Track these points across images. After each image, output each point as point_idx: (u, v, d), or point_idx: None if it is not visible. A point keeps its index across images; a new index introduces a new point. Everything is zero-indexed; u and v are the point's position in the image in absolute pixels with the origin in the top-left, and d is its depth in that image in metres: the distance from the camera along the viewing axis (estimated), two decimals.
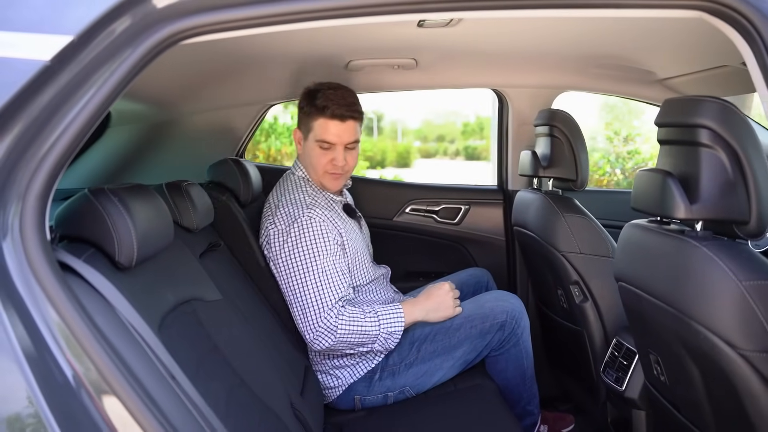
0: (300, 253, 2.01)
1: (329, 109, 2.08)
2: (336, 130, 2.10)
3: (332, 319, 1.96)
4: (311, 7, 1.01)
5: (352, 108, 2.11)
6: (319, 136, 2.11)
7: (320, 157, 2.13)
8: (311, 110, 2.11)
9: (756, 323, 1.20)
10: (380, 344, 2.03)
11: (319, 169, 2.14)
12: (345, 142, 2.12)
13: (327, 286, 1.99)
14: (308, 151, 2.16)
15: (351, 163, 2.18)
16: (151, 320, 1.14)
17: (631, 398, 1.93)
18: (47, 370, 0.85)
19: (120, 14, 0.92)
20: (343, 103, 2.09)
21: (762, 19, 1.03)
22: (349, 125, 2.11)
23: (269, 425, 1.46)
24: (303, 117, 2.16)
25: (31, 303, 0.86)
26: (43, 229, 0.91)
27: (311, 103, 2.11)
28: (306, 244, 2.01)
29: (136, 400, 0.88)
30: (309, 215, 2.04)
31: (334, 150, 2.12)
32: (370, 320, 2.00)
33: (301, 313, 2.00)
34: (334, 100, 2.08)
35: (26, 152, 0.89)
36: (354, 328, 1.98)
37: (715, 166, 1.29)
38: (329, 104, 2.08)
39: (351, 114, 2.11)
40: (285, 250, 2.04)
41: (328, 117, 2.08)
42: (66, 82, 0.90)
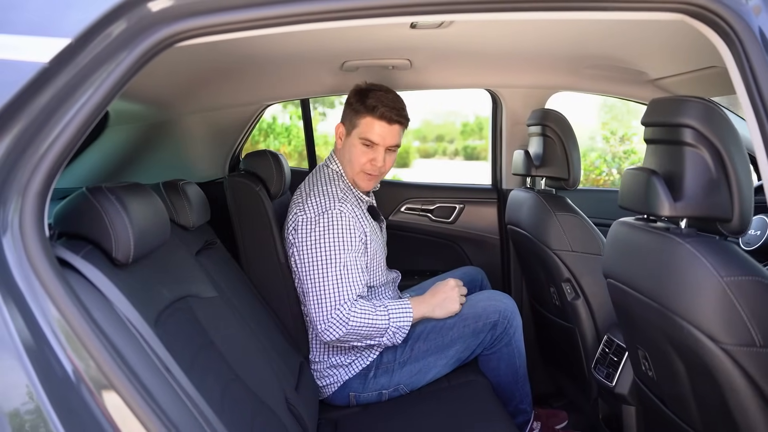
0: (326, 244, 2.03)
1: (379, 110, 2.12)
2: (381, 131, 2.14)
3: (345, 311, 1.99)
4: (305, 10, 1.04)
5: (401, 113, 2.16)
6: (364, 134, 2.14)
7: (360, 155, 2.16)
8: (360, 108, 2.15)
9: (737, 318, 1.22)
10: (388, 338, 2.05)
11: (357, 166, 2.18)
12: (387, 144, 2.16)
13: (347, 280, 2.01)
14: (349, 147, 2.19)
15: (387, 166, 2.22)
16: (147, 316, 1.16)
17: (621, 394, 1.95)
18: (47, 364, 0.87)
19: (116, 17, 0.95)
20: (393, 106, 2.14)
21: (740, 21, 1.06)
22: (394, 129, 2.16)
23: (264, 419, 1.49)
24: (350, 113, 2.19)
25: (31, 298, 0.89)
26: (42, 226, 0.93)
27: (361, 101, 2.15)
28: (333, 236, 2.03)
29: (133, 393, 0.90)
30: (340, 208, 2.07)
31: (375, 150, 2.16)
32: (381, 314, 2.03)
33: (316, 303, 2.01)
34: (385, 102, 2.13)
35: (26, 151, 0.91)
36: (365, 320, 2.00)
37: (699, 164, 1.32)
38: (379, 105, 2.12)
39: (398, 119, 2.15)
40: (312, 238, 2.05)
41: (376, 117, 2.12)
42: (64, 84, 0.93)
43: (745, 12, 1.06)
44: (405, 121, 2.19)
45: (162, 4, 0.97)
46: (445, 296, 2.15)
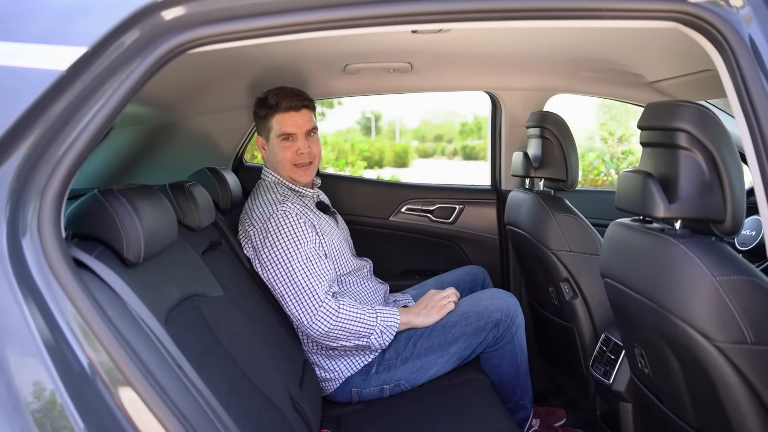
0: (281, 244, 2.08)
1: (282, 104, 2.20)
2: (293, 121, 2.21)
3: (332, 303, 2.03)
4: (310, 20, 1.07)
5: (302, 97, 2.24)
6: (280, 131, 2.22)
7: (285, 151, 2.23)
8: (266, 111, 2.23)
9: (729, 316, 1.26)
10: (376, 338, 2.09)
11: (287, 163, 2.23)
12: (304, 130, 2.23)
13: (314, 269, 2.06)
14: (273, 150, 2.25)
15: (315, 150, 2.27)
16: (157, 314, 1.19)
17: (618, 391, 1.99)
18: (65, 359, 0.91)
19: (130, 26, 0.98)
20: (292, 95, 2.22)
21: (731, 30, 1.09)
22: (303, 114, 2.23)
23: (270, 416, 1.52)
24: (260, 122, 2.27)
25: (49, 296, 0.92)
26: (59, 228, 0.96)
27: (264, 105, 2.23)
28: (285, 235, 2.08)
29: (147, 387, 0.93)
30: (283, 209, 2.12)
31: (296, 140, 2.22)
32: (369, 312, 2.08)
33: (295, 300, 2.05)
34: (283, 95, 2.21)
35: (44, 155, 0.94)
36: (353, 315, 2.05)
37: (693, 167, 1.36)
38: (280, 100, 2.20)
39: (303, 103, 2.23)
40: (267, 244, 2.10)
41: (283, 111, 2.21)
42: (80, 91, 0.96)
43: (736, 21, 1.10)
44: (310, 103, 2.27)
45: (174, 13, 1.00)
46: (426, 304, 2.23)
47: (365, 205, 3.06)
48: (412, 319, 2.19)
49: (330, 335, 2.06)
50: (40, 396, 0.89)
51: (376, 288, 2.42)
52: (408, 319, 2.18)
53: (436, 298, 2.25)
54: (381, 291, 2.44)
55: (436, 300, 2.24)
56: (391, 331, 2.12)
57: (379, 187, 3.31)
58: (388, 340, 2.13)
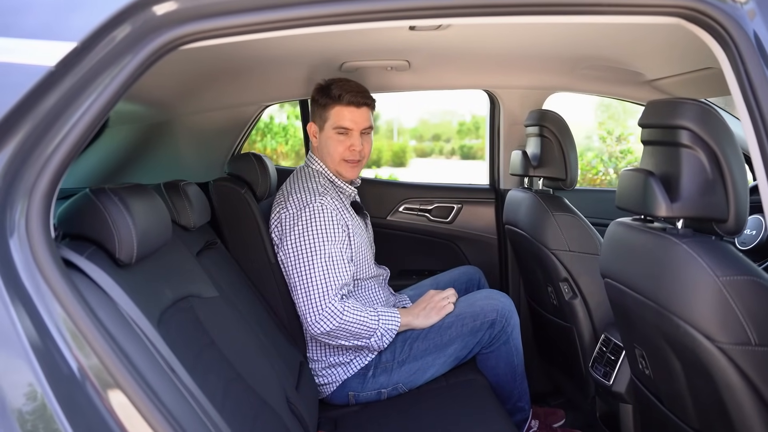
0: (309, 237, 2.06)
1: (344, 97, 2.17)
2: (352, 116, 2.19)
3: (338, 304, 2.01)
4: (305, 15, 1.05)
5: (365, 95, 2.21)
6: (336, 123, 2.19)
7: (338, 144, 2.20)
8: (326, 101, 2.20)
9: (732, 317, 1.24)
10: (376, 340, 2.07)
11: (337, 156, 2.21)
12: (361, 127, 2.21)
13: (333, 270, 2.03)
14: (325, 141, 2.23)
15: (366, 149, 2.26)
16: (150, 315, 1.18)
17: (618, 392, 1.97)
18: (53, 362, 0.89)
19: (121, 21, 0.96)
20: (356, 90, 2.19)
21: (735, 26, 1.07)
22: (363, 111, 2.21)
23: (265, 419, 1.50)
24: (318, 109, 2.24)
25: (37, 298, 0.90)
26: (48, 227, 0.94)
27: (326, 94, 2.20)
28: (315, 228, 2.06)
29: (138, 391, 0.91)
30: (321, 201, 2.10)
31: (350, 136, 2.20)
32: (371, 315, 2.06)
33: (304, 295, 2.03)
34: (347, 89, 2.18)
35: (32, 153, 0.92)
36: (357, 317, 2.02)
37: (695, 166, 1.34)
38: (344, 93, 2.17)
39: (365, 100, 2.21)
40: (295, 232, 2.08)
41: (344, 104, 2.18)
42: (70, 87, 0.94)
43: (740, 16, 1.08)
44: (372, 102, 2.25)
45: (166, 8, 0.98)
46: (425, 306, 2.21)
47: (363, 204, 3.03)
48: (411, 321, 2.17)
49: (331, 335, 2.04)
50: (27, 401, 0.87)
51: (388, 299, 2.41)
52: (407, 321, 2.16)
53: (435, 299, 2.23)
54: (391, 302, 2.43)
55: (436, 301, 2.22)
56: (391, 334, 2.11)
57: (377, 187, 3.29)
58: (387, 342, 2.11)
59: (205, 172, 2.74)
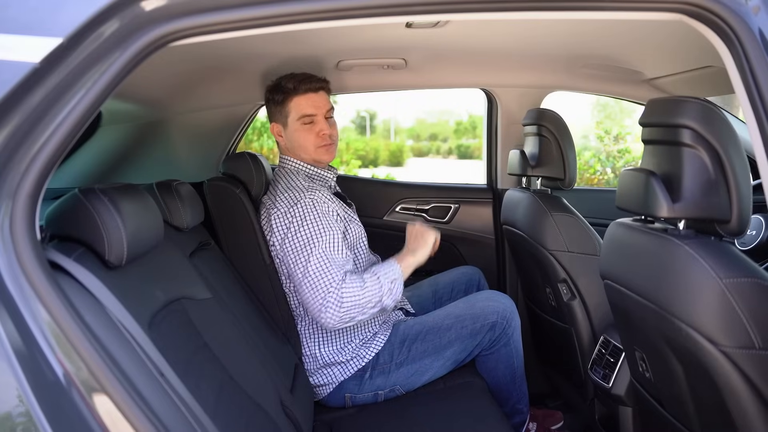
0: (304, 232, 2.03)
1: (299, 87, 2.16)
2: (312, 102, 2.18)
3: (337, 293, 1.95)
4: (299, 10, 1.03)
5: (317, 79, 2.20)
6: (299, 114, 2.18)
7: (307, 133, 2.19)
8: (282, 96, 2.18)
9: (736, 320, 1.22)
10: (388, 296, 2.01)
11: (309, 146, 2.19)
12: (323, 110, 2.19)
13: (332, 262, 1.99)
14: (292, 135, 2.21)
15: (334, 132, 2.25)
16: (140, 318, 1.15)
17: (618, 395, 1.95)
18: (37, 368, 0.86)
19: (109, 17, 0.94)
20: (306, 78, 2.18)
21: (739, 22, 1.05)
22: (321, 95, 2.20)
23: (259, 422, 1.48)
24: (276, 107, 2.22)
25: (22, 302, 0.87)
26: (33, 229, 0.92)
27: (280, 91, 2.19)
28: (310, 222, 2.04)
29: (126, 397, 0.89)
30: (311, 197, 2.08)
31: (316, 122, 2.18)
32: (370, 279, 2.00)
33: (310, 291, 1.98)
34: (299, 78, 2.17)
35: (16, 152, 0.90)
36: (357, 293, 1.96)
37: (697, 165, 1.31)
38: (297, 83, 2.16)
39: (320, 85, 2.20)
40: (292, 229, 2.05)
41: (301, 93, 2.17)
42: (55, 84, 0.91)
43: (744, 12, 1.06)
44: (326, 84, 2.23)
45: (155, 3, 0.95)
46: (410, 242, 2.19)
47: (359, 204, 3.00)
48: (410, 262, 2.12)
49: (343, 319, 1.97)
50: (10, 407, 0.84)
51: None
52: (407, 264, 2.11)
53: (414, 230, 2.21)
54: None
55: (416, 231, 2.20)
56: (399, 284, 2.05)
57: (374, 186, 3.27)
58: (399, 293, 2.05)
59: (199, 171, 2.71)
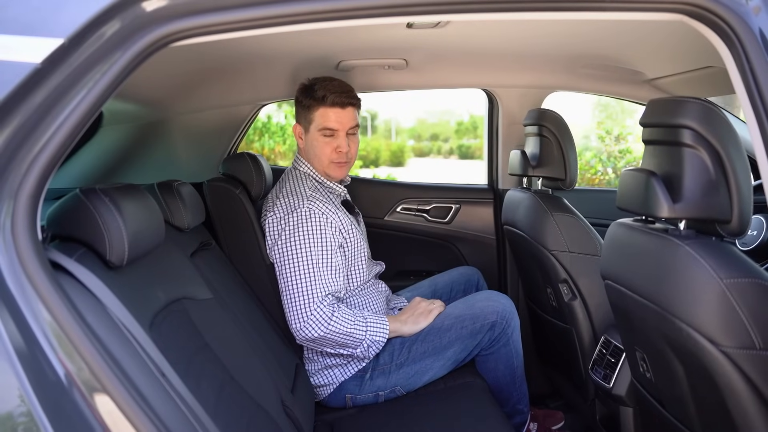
0: (296, 242, 2.04)
1: (329, 98, 2.13)
2: (337, 117, 2.15)
3: (326, 311, 1.98)
4: (300, 10, 1.03)
5: (350, 95, 2.17)
6: (322, 125, 2.16)
7: (324, 146, 2.17)
8: (311, 102, 2.16)
9: (736, 320, 1.22)
10: (362, 350, 2.06)
11: (324, 158, 2.18)
12: (347, 127, 2.17)
13: (320, 276, 2.01)
14: (311, 142, 2.19)
15: (354, 150, 2.23)
16: (142, 318, 1.15)
17: (619, 395, 1.95)
18: (39, 368, 0.86)
19: (110, 17, 0.94)
20: (341, 90, 2.15)
21: (740, 22, 1.05)
22: (348, 111, 2.17)
23: (259, 422, 1.48)
24: (302, 111, 2.20)
25: (23, 302, 0.87)
26: (34, 229, 0.92)
27: (310, 96, 2.16)
28: (303, 234, 2.04)
29: (127, 397, 0.89)
30: (308, 206, 2.07)
31: (337, 137, 2.17)
32: (360, 324, 2.03)
33: (289, 301, 2.02)
34: (331, 89, 2.14)
35: (18, 153, 0.90)
36: (343, 327, 2.00)
37: (698, 166, 1.31)
38: (328, 93, 2.13)
39: (350, 100, 2.17)
40: (282, 237, 2.07)
41: (328, 105, 2.14)
42: (57, 84, 0.92)
43: (744, 12, 1.06)
44: (357, 101, 2.21)
45: (156, 3, 0.95)
46: (413, 312, 2.19)
47: (360, 204, 3.00)
48: (399, 328, 2.14)
49: (316, 341, 2.03)
50: (11, 407, 0.84)
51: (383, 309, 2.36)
52: (395, 328, 2.14)
53: (422, 305, 2.21)
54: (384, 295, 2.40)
55: (423, 307, 2.21)
56: (378, 345, 2.08)
57: (375, 187, 3.27)
58: (374, 353, 2.09)
59: (200, 172, 2.72)
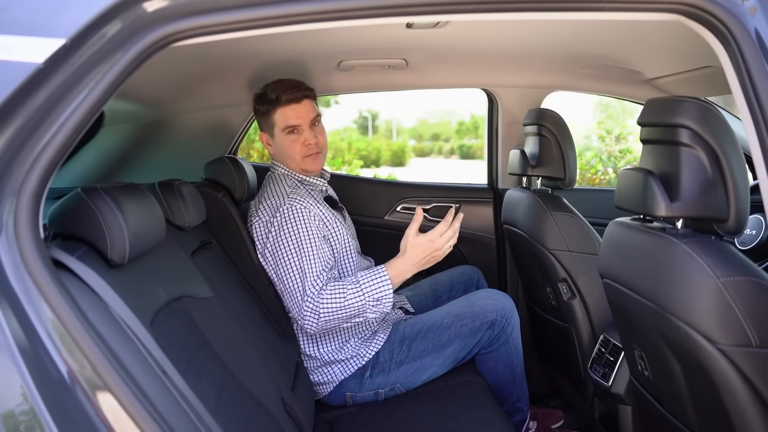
0: (284, 240, 2.05)
1: (282, 97, 2.15)
2: (296, 113, 2.17)
3: (313, 301, 1.96)
4: (301, 11, 1.03)
5: (301, 88, 2.19)
6: (284, 124, 2.18)
7: (292, 144, 2.18)
8: (267, 107, 2.19)
9: (733, 318, 1.22)
10: (372, 312, 1.97)
11: (296, 155, 2.19)
12: (308, 120, 2.18)
13: (309, 270, 2.00)
14: (280, 145, 2.21)
15: (322, 140, 2.23)
16: (143, 317, 1.16)
17: (617, 393, 1.95)
18: (42, 365, 0.87)
19: (111, 18, 0.94)
20: (292, 87, 2.17)
21: (736, 23, 1.06)
22: (305, 104, 2.19)
23: (260, 420, 1.48)
24: (262, 117, 2.23)
25: (26, 300, 0.88)
26: (36, 227, 0.92)
27: (264, 101, 2.19)
28: (289, 231, 2.05)
29: (129, 395, 0.90)
30: (290, 203, 2.08)
31: (301, 132, 2.18)
32: (352, 292, 1.95)
33: (289, 299, 2.03)
34: (282, 88, 2.16)
35: (20, 152, 0.91)
36: (336, 304, 1.94)
37: (695, 165, 1.32)
38: (280, 93, 2.15)
39: (303, 93, 2.18)
40: (270, 239, 2.08)
41: (284, 104, 2.16)
42: (59, 84, 0.92)
43: (740, 13, 1.06)
44: (311, 92, 2.22)
45: (157, 4, 0.96)
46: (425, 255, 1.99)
47: (360, 203, 3.02)
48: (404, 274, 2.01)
49: (324, 328, 1.98)
50: (14, 405, 0.85)
51: None
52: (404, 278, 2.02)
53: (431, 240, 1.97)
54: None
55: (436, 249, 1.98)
56: (386, 301, 1.98)
57: (374, 186, 3.28)
58: (388, 307, 1.99)
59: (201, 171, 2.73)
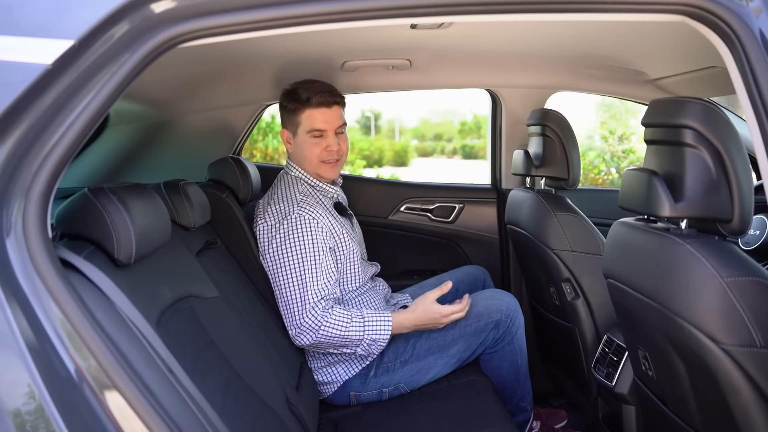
0: (287, 249, 2.05)
1: (314, 99, 2.14)
2: (324, 117, 2.16)
3: (317, 317, 1.99)
4: (307, 12, 1.04)
5: (334, 93, 2.19)
6: (310, 127, 2.16)
7: (314, 147, 2.17)
8: (296, 105, 2.17)
9: (737, 318, 1.23)
10: (363, 349, 2.05)
11: (314, 159, 2.19)
12: (335, 126, 2.18)
13: (311, 283, 2.01)
14: (300, 145, 2.20)
15: (344, 148, 2.23)
16: (149, 316, 1.17)
17: (621, 393, 1.96)
18: (50, 363, 0.88)
19: (119, 19, 0.95)
20: (324, 90, 2.16)
21: (740, 23, 1.06)
22: (335, 110, 2.18)
23: (265, 419, 1.49)
24: (288, 115, 2.21)
25: (34, 298, 0.89)
26: (45, 227, 0.93)
27: (295, 99, 2.17)
28: (294, 241, 2.05)
29: (136, 393, 0.90)
30: (299, 212, 2.07)
31: (326, 137, 2.17)
32: (356, 326, 2.01)
33: (285, 308, 2.04)
34: (315, 90, 2.15)
35: (29, 152, 0.91)
36: (337, 331, 2.00)
37: (699, 165, 1.32)
38: (312, 95, 2.14)
39: (335, 99, 2.18)
40: (273, 245, 2.08)
41: (314, 106, 2.15)
42: (67, 85, 0.93)
43: (745, 14, 1.07)
44: (341, 99, 2.22)
45: (165, 5, 0.97)
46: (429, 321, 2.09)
47: (364, 204, 3.02)
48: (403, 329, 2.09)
49: (314, 346, 2.05)
50: (23, 403, 0.86)
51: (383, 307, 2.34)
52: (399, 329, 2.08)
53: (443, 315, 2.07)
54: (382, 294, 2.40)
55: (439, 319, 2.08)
56: (380, 343, 2.05)
57: (378, 186, 3.28)
58: (377, 351, 2.07)
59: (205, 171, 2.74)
